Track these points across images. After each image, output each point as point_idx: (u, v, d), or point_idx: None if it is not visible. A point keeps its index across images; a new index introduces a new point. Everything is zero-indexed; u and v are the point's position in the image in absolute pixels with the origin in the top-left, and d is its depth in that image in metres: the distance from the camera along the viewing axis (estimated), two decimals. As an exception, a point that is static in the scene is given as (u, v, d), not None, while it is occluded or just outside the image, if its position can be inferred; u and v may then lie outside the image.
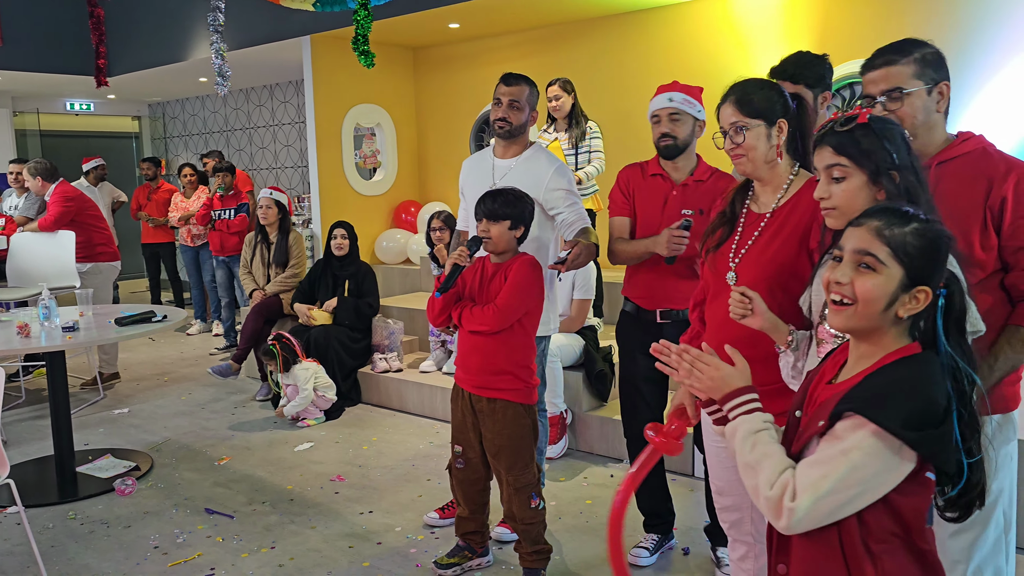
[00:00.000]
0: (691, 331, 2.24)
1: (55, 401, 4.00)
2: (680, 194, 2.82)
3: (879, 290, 1.34)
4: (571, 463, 4.06)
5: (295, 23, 6.24)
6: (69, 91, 9.43)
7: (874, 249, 1.35)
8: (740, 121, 1.97)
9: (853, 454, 1.25)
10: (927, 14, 4.61)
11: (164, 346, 7.16)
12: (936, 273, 1.35)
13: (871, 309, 1.35)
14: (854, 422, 1.27)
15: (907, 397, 1.27)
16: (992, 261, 1.88)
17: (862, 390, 1.31)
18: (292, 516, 3.54)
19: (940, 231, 1.36)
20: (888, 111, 1.91)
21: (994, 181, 1.86)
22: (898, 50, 1.93)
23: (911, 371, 1.31)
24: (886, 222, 1.36)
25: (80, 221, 5.56)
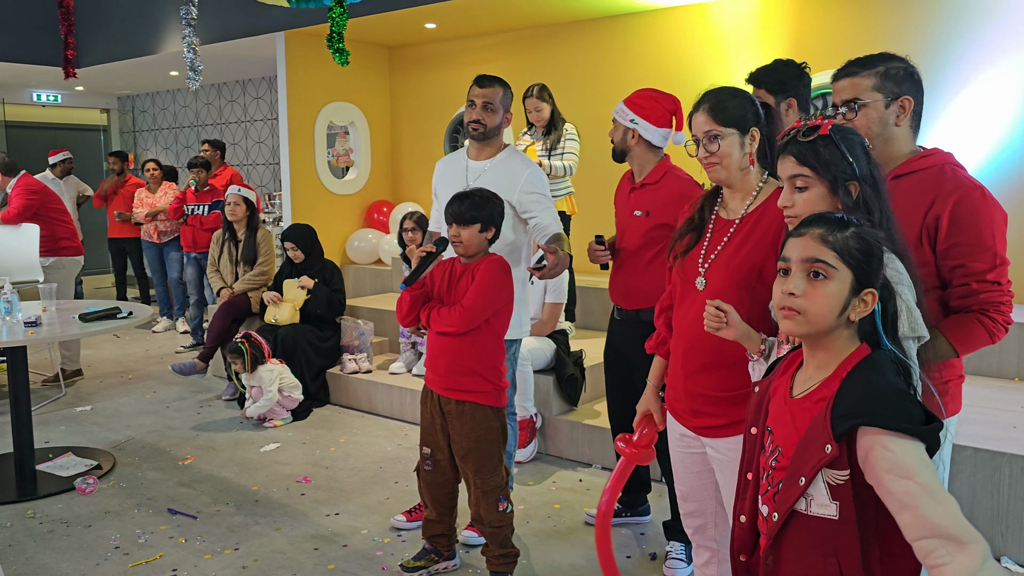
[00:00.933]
0: (657, 336, 2.25)
1: (15, 397, 3.91)
2: (634, 196, 2.99)
3: (835, 297, 1.39)
4: (540, 467, 4.06)
5: (270, 19, 6.18)
6: (36, 82, 9.24)
7: (822, 255, 1.39)
8: (714, 130, 1.98)
9: (922, 471, 1.25)
10: (900, 26, 4.69)
11: (129, 343, 7.04)
12: (878, 275, 1.41)
13: (829, 315, 1.39)
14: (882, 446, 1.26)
15: (902, 399, 1.31)
16: (928, 277, 1.90)
17: (850, 403, 1.32)
18: (257, 517, 3.49)
19: (874, 234, 1.42)
20: (845, 121, 1.97)
21: (936, 199, 1.89)
22: (863, 63, 1.98)
23: (883, 373, 1.36)
24: (827, 229, 1.41)
25: (43, 215, 5.46)
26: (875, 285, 1.40)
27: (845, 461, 1.33)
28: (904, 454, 1.26)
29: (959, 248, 1.88)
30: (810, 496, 1.38)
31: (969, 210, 1.88)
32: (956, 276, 1.91)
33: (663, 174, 2.95)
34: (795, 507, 1.40)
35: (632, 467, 2.13)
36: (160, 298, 7.51)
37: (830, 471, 1.34)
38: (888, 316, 1.42)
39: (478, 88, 3.10)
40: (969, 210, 1.88)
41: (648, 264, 2.92)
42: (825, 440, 1.33)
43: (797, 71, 2.74)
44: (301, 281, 5.17)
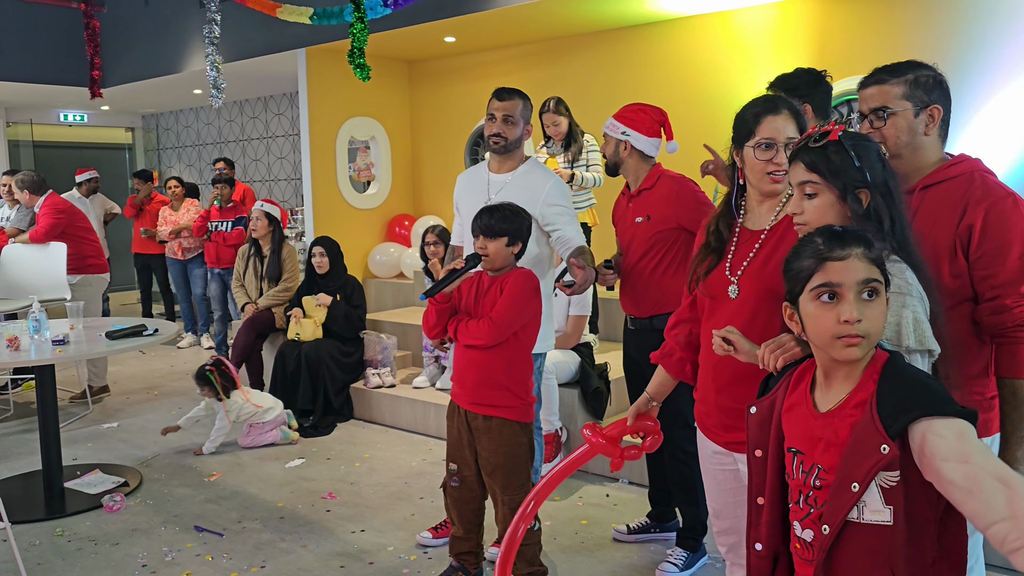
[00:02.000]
0: (664, 348, 2.20)
1: (44, 415, 3.94)
2: (633, 204, 3.06)
3: (883, 312, 1.39)
4: (566, 482, 4.02)
5: (290, 36, 6.23)
6: (63, 102, 9.39)
7: (875, 275, 1.38)
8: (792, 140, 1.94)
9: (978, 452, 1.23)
10: (925, 32, 4.63)
11: (154, 359, 7.09)
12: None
13: (880, 333, 1.39)
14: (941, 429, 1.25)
15: (939, 388, 1.31)
16: (961, 288, 1.87)
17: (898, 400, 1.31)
18: (283, 534, 3.48)
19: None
20: (873, 129, 1.93)
21: (967, 208, 1.85)
22: (892, 70, 1.94)
23: (910, 369, 1.37)
24: (864, 246, 1.40)
25: (70, 233, 5.51)
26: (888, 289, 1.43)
27: (897, 461, 1.30)
28: (958, 438, 1.23)
29: (988, 257, 1.83)
30: (863, 504, 1.34)
31: (999, 218, 1.83)
32: (987, 288, 1.84)
33: (657, 178, 3.06)
34: (849, 518, 1.35)
35: (590, 456, 2.04)
36: (185, 314, 7.56)
37: (884, 473, 1.31)
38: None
39: (498, 101, 3.09)
40: (999, 218, 1.83)
41: (655, 269, 2.99)
42: (879, 441, 1.30)
43: (815, 77, 2.71)
44: (319, 299, 5.17)
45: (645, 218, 2.99)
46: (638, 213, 3.03)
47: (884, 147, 1.91)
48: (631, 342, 3.15)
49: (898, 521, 1.31)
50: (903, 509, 1.31)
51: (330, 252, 5.27)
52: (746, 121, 1.96)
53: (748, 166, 1.96)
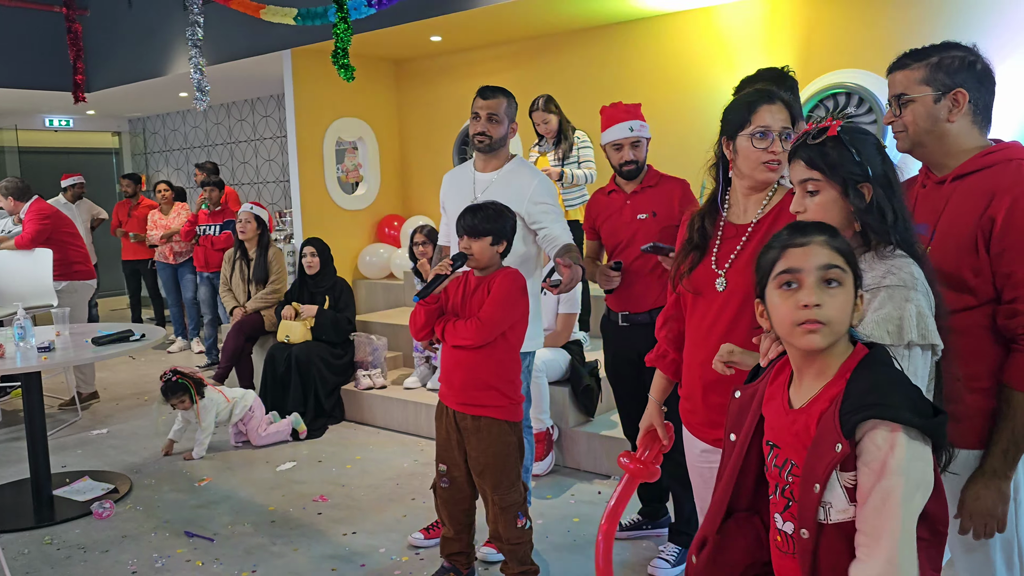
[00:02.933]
0: (658, 349, 2.20)
1: (31, 423, 3.91)
2: (633, 202, 3.06)
3: (849, 302, 1.37)
4: (558, 480, 4.01)
5: (275, 37, 6.20)
6: (47, 107, 9.32)
7: (836, 260, 1.36)
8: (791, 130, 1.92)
9: (903, 467, 1.24)
10: (910, 24, 4.64)
11: (144, 364, 7.05)
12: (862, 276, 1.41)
13: (847, 322, 1.37)
14: (881, 435, 1.26)
15: (905, 391, 1.29)
16: (982, 286, 1.73)
17: (857, 397, 1.29)
18: (274, 538, 3.47)
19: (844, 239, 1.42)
20: (895, 117, 1.84)
21: (994, 198, 1.70)
22: (915, 55, 1.82)
23: (887, 366, 1.34)
24: (828, 234, 1.39)
25: (56, 239, 5.47)
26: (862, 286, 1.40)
27: (854, 462, 1.29)
28: (892, 448, 1.24)
29: (1010, 252, 1.68)
30: (828, 504, 1.33)
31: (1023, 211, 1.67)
32: (1006, 288, 1.71)
33: (659, 176, 3.11)
34: (818, 519, 1.34)
35: (636, 485, 2.08)
36: (175, 318, 7.53)
37: (844, 474, 1.30)
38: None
39: (482, 100, 3.09)
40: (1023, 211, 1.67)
41: (657, 264, 2.98)
42: (835, 439, 1.29)
43: (777, 74, 2.66)
44: (303, 311, 5.14)
45: (650, 215, 3.01)
46: (640, 210, 3.03)
47: (906, 135, 1.83)
48: (624, 337, 3.10)
49: None
50: None
51: (321, 253, 5.25)
52: (740, 111, 1.95)
53: (742, 156, 1.95)
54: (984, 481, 1.73)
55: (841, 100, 4.73)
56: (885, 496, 1.24)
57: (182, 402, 4.52)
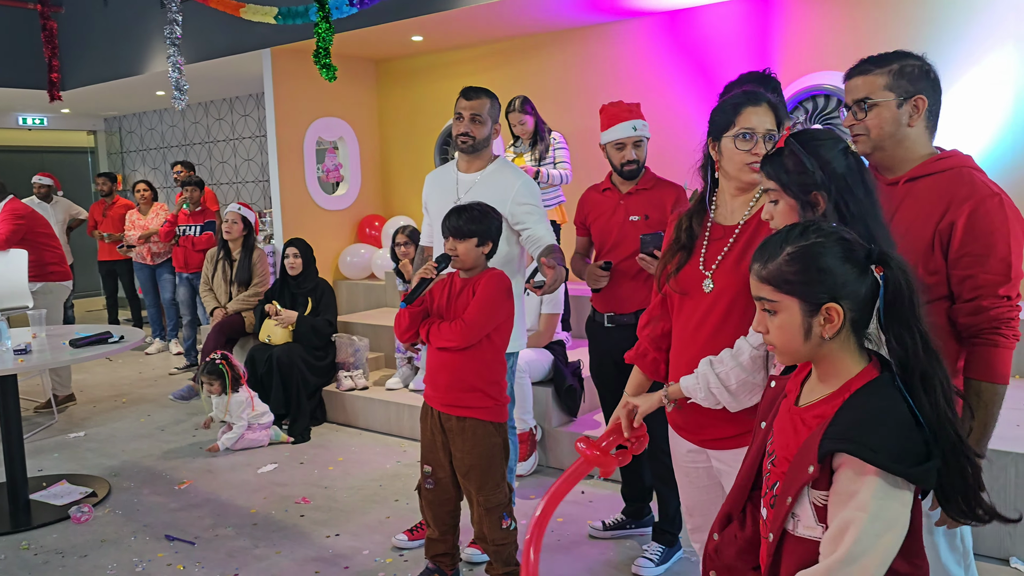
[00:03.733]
0: (638, 348, 2.20)
1: (7, 427, 3.85)
2: (626, 202, 3.05)
3: (788, 327, 1.36)
4: (541, 480, 4.02)
5: (255, 36, 6.16)
6: (21, 105, 9.18)
7: (762, 292, 1.38)
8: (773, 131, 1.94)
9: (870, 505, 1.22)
10: (885, 26, 4.69)
11: (121, 366, 6.97)
12: (832, 284, 1.32)
13: (794, 344, 1.37)
14: (854, 470, 1.24)
15: (893, 430, 1.26)
16: (936, 286, 1.83)
17: (843, 427, 1.28)
18: (256, 540, 3.44)
19: (810, 246, 1.34)
20: (857, 120, 1.91)
21: (951, 205, 1.82)
22: (877, 60, 1.91)
23: (882, 401, 1.30)
24: (761, 262, 1.39)
25: (31, 239, 5.38)
26: (836, 294, 1.32)
27: (829, 482, 1.29)
28: (863, 485, 1.23)
29: (970, 258, 1.80)
30: (797, 517, 1.35)
31: (984, 218, 1.79)
32: (966, 289, 1.82)
33: (655, 179, 3.09)
34: (785, 527, 1.36)
35: (587, 470, 2.04)
36: (153, 320, 7.44)
37: (815, 492, 1.31)
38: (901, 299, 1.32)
39: (465, 100, 3.08)
40: (984, 218, 1.79)
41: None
42: (811, 460, 1.30)
43: (759, 77, 2.70)
44: (282, 318, 5.09)
45: (642, 217, 3.00)
46: (633, 212, 3.03)
47: (867, 138, 1.90)
48: (609, 338, 3.08)
49: None
50: None
51: (303, 254, 5.22)
52: (726, 112, 1.97)
53: (726, 157, 1.97)
54: None
55: (820, 102, 4.78)
56: (844, 527, 1.23)
57: (212, 386, 4.63)
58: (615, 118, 3.04)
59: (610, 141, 3.03)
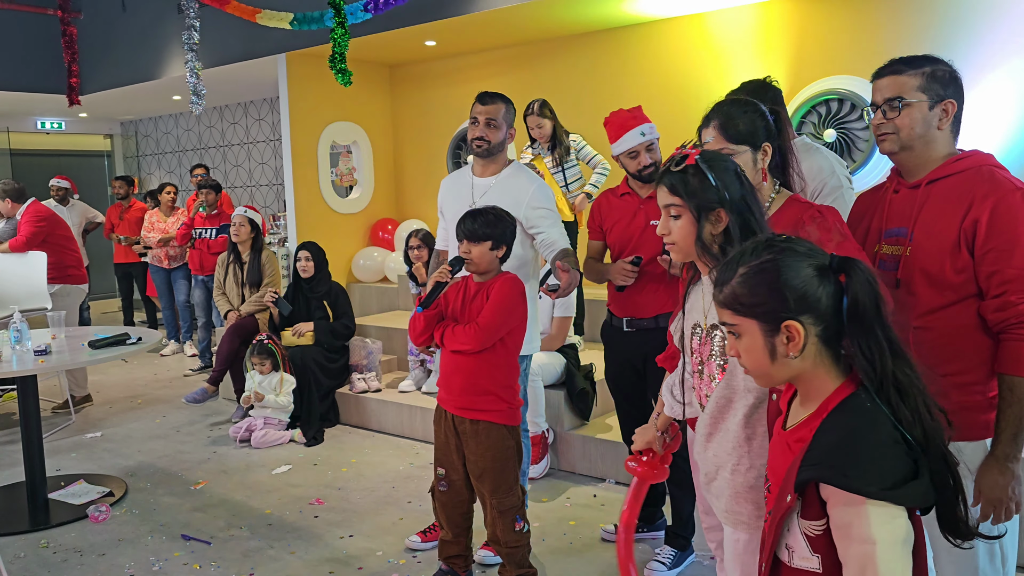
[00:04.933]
0: (669, 351, 2.22)
1: (27, 427, 3.91)
2: (647, 207, 3.02)
3: (752, 351, 1.32)
4: (553, 483, 4.03)
5: (270, 41, 6.21)
6: (40, 109, 9.30)
7: (724, 317, 1.35)
8: (725, 148, 1.96)
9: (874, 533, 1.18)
10: (901, 31, 4.69)
11: (137, 368, 7.04)
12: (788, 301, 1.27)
13: (763, 367, 1.32)
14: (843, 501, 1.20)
15: (872, 452, 1.20)
16: (965, 284, 1.85)
17: (820, 453, 1.23)
18: (271, 541, 3.48)
19: (761, 264, 1.30)
20: (887, 119, 1.92)
21: (974, 202, 1.83)
22: (909, 62, 1.92)
23: (856, 419, 1.24)
24: (719, 286, 1.36)
25: (51, 242, 5.46)
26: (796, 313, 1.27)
27: (819, 511, 1.24)
28: (857, 516, 1.18)
29: (995, 253, 1.80)
30: (791, 548, 1.31)
31: (1007, 213, 1.80)
32: (992, 284, 1.82)
33: None
34: (780, 558, 1.33)
35: (647, 487, 2.10)
36: (168, 322, 7.51)
37: (806, 522, 1.27)
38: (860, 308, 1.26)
39: (480, 105, 3.10)
40: (1007, 213, 1.80)
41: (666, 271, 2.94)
42: (789, 490, 1.26)
43: (758, 85, 2.69)
44: (298, 329, 5.14)
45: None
46: (655, 216, 2.93)
47: (896, 137, 1.91)
48: (628, 343, 3.06)
49: (827, 570, 1.26)
50: (830, 558, 1.25)
51: (315, 256, 5.26)
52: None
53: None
54: (998, 467, 1.81)
55: (833, 106, 4.78)
56: (863, 565, 1.18)
57: (263, 365, 4.90)
58: (622, 128, 3.02)
59: (622, 152, 3.02)
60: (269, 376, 4.92)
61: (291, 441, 4.82)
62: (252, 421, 4.86)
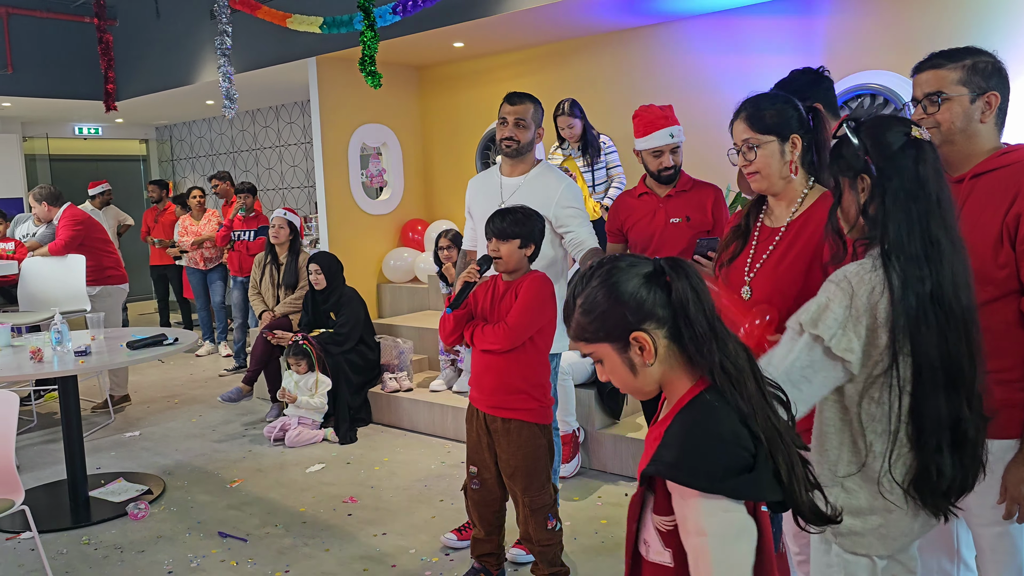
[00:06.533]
0: None
1: (68, 426, 4.00)
2: (666, 206, 3.06)
3: (615, 371, 1.34)
4: (585, 482, 4.04)
5: (301, 45, 6.28)
6: (77, 116, 9.50)
7: (581, 349, 1.38)
8: (752, 138, 1.96)
9: (707, 527, 1.20)
10: (933, 26, 4.62)
11: (173, 368, 7.16)
12: (623, 315, 1.29)
13: (629, 385, 1.35)
14: (678, 493, 1.23)
15: (703, 446, 1.22)
16: (1008, 279, 1.82)
17: (664, 449, 1.26)
18: (305, 539, 3.52)
19: (589, 292, 1.32)
20: (926, 115, 1.89)
21: (1018, 196, 1.79)
22: (949, 55, 1.89)
23: (695, 415, 1.26)
24: (567, 323, 1.38)
25: (89, 245, 5.59)
26: (636, 324, 1.28)
27: (668, 507, 1.26)
28: (691, 509, 1.20)
29: None
30: (647, 542, 1.34)
31: None
32: None
33: (692, 181, 3.11)
34: (639, 551, 1.35)
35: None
36: (203, 323, 7.64)
37: (658, 517, 1.29)
38: (686, 322, 1.28)
39: (509, 105, 3.12)
40: None
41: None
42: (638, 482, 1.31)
43: (812, 76, 2.68)
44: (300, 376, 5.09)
45: (684, 219, 3.01)
46: (674, 214, 3.03)
47: (937, 132, 1.88)
48: None
49: (678, 565, 1.28)
50: (681, 553, 1.27)
51: (326, 269, 5.26)
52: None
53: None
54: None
55: (866, 102, 4.72)
56: (696, 556, 1.22)
57: (299, 366, 5.00)
58: (651, 125, 3.04)
59: (647, 149, 3.04)
60: (305, 376, 5.00)
61: (324, 440, 4.89)
62: (286, 420, 4.93)
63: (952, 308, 1.52)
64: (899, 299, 1.49)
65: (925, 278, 1.50)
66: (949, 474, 1.53)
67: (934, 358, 1.50)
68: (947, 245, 1.54)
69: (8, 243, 5.85)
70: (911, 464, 1.54)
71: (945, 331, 1.51)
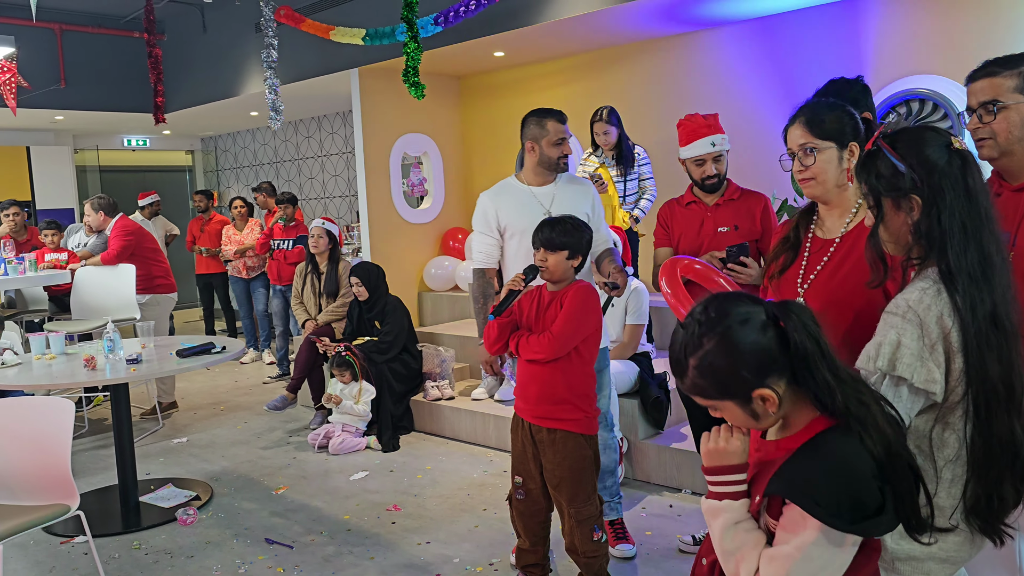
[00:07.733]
0: None
1: (119, 432, 4.08)
2: (714, 215, 3.03)
3: (739, 421, 1.36)
4: (629, 493, 4.00)
5: (343, 56, 6.37)
6: (126, 128, 9.74)
7: (698, 401, 1.37)
8: (810, 143, 1.94)
9: (807, 548, 1.24)
10: (983, 30, 4.52)
11: (218, 375, 7.28)
12: (746, 374, 1.29)
13: (755, 430, 1.39)
14: (800, 514, 1.25)
15: (840, 486, 1.24)
16: None
17: (793, 472, 1.28)
18: (350, 547, 3.55)
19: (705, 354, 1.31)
20: (982, 124, 1.85)
21: None
22: (1004, 62, 1.86)
23: (834, 451, 1.27)
24: (679, 377, 1.38)
25: (139, 254, 5.72)
26: (759, 380, 1.30)
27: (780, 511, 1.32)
28: (805, 529, 1.24)
29: None
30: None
31: None
32: None
33: (740, 189, 3.08)
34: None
35: None
36: (247, 330, 7.76)
37: (771, 520, 1.34)
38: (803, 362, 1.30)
39: (561, 124, 3.15)
40: None
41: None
42: (759, 491, 1.34)
43: (845, 84, 2.65)
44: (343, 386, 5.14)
45: (732, 228, 2.99)
46: (723, 223, 3.01)
47: (994, 142, 1.84)
48: None
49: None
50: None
51: (365, 281, 5.30)
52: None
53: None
54: None
55: (915, 106, 4.63)
56: (777, 556, 1.26)
57: (344, 376, 5.09)
58: (694, 134, 3.03)
59: (690, 157, 3.03)
60: (350, 386, 5.06)
61: (367, 448, 4.92)
62: (330, 428, 4.98)
63: (1007, 328, 1.48)
64: (969, 323, 1.46)
65: (986, 299, 1.47)
66: (1013, 501, 1.50)
67: (996, 381, 1.46)
68: (999, 260, 1.51)
69: (61, 253, 6.00)
70: (972, 490, 1.51)
71: (1001, 352, 1.47)
